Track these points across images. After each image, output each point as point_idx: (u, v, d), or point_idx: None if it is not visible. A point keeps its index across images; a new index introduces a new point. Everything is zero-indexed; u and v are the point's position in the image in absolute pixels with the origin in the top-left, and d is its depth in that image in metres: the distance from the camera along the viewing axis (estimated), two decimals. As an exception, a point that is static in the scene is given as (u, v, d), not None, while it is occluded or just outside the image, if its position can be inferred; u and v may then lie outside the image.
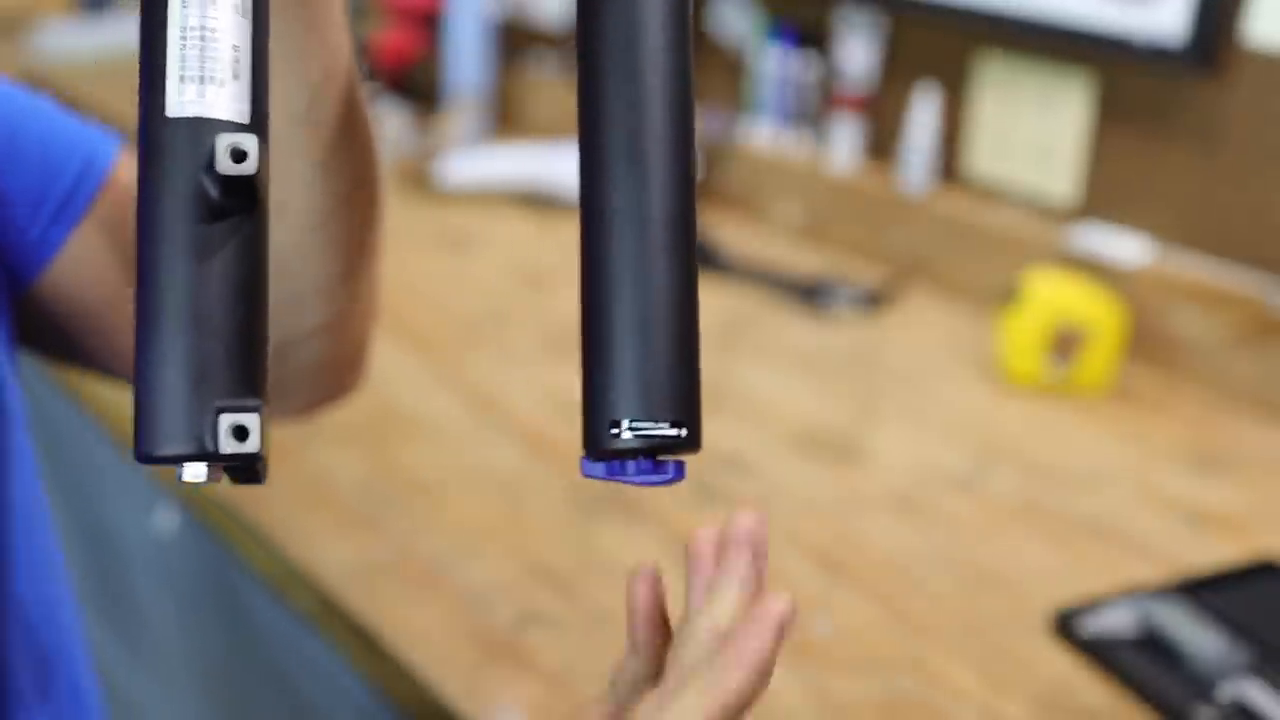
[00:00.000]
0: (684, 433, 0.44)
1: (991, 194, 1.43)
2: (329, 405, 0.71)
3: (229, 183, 0.38)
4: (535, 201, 1.65)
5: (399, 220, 0.70)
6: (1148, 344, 1.26)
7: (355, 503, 1.01)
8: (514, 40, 1.89)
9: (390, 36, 1.87)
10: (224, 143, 0.37)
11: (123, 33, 2.18)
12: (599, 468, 0.44)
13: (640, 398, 0.43)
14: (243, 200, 0.39)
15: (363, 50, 0.59)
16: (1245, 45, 1.18)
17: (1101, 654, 0.85)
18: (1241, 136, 1.21)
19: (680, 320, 0.44)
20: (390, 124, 1.77)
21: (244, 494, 1.02)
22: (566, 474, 1.04)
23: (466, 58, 1.82)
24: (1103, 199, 1.33)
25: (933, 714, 0.81)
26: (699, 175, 0.45)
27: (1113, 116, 1.31)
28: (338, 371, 0.68)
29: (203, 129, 0.39)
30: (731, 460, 1.09)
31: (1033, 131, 1.37)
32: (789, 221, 1.59)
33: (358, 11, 1.93)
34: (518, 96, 1.88)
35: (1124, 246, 1.29)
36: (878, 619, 0.90)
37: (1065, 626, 0.88)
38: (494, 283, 1.44)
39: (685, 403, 0.44)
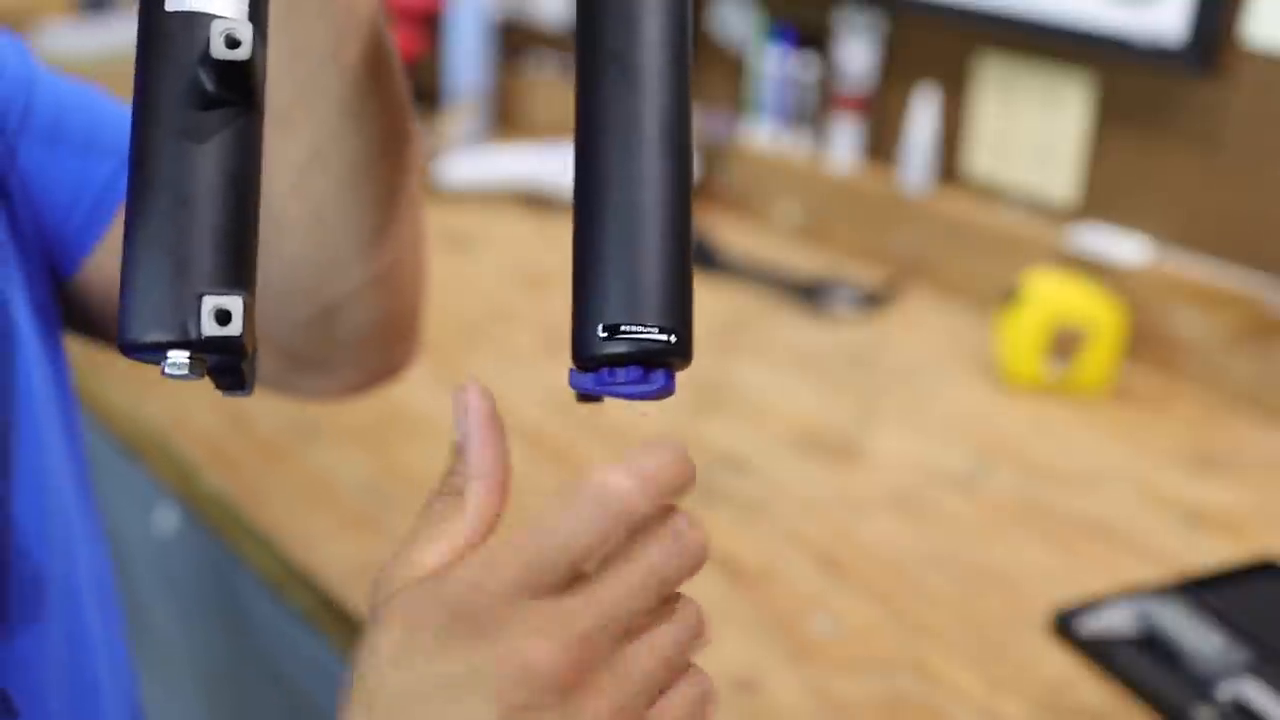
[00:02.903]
0: (673, 339, 0.42)
1: (991, 194, 1.43)
2: (382, 380, 0.71)
3: (223, 70, 0.38)
4: (535, 201, 1.65)
5: (399, 220, 0.71)
6: (1148, 344, 1.26)
7: (356, 503, 1.01)
8: (514, 40, 1.89)
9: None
10: (219, 27, 0.38)
11: (124, 33, 2.18)
12: (587, 379, 0.43)
13: (626, 300, 0.41)
14: (237, 91, 0.39)
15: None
16: (1245, 45, 1.18)
17: (1101, 654, 0.85)
18: (1241, 136, 1.21)
19: (672, 224, 0.42)
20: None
21: (244, 494, 1.02)
22: (567, 474, 1.04)
23: (466, 58, 1.82)
24: (1103, 199, 1.33)
25: (933, 714, 0.81)
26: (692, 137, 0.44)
27: (1113, 116, 1.31)
28: (387, 342, 0.68)
29: (200, 22, 0.39)
30: (731, 460, 1.09)
31: (1033, 131, 1.37)
32: (789, 221, 1.59)
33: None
34: (518, 96, 1.89)
35: (1124, 246, 1.29)
36: (878, 619, 0.90)
37: (1065, 626, 0.88)
38: (494, 283, 1.44)
39: (675, 308, 0.42)
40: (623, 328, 0.42)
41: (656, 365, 0.43)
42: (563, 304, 0.46)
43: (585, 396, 0.44)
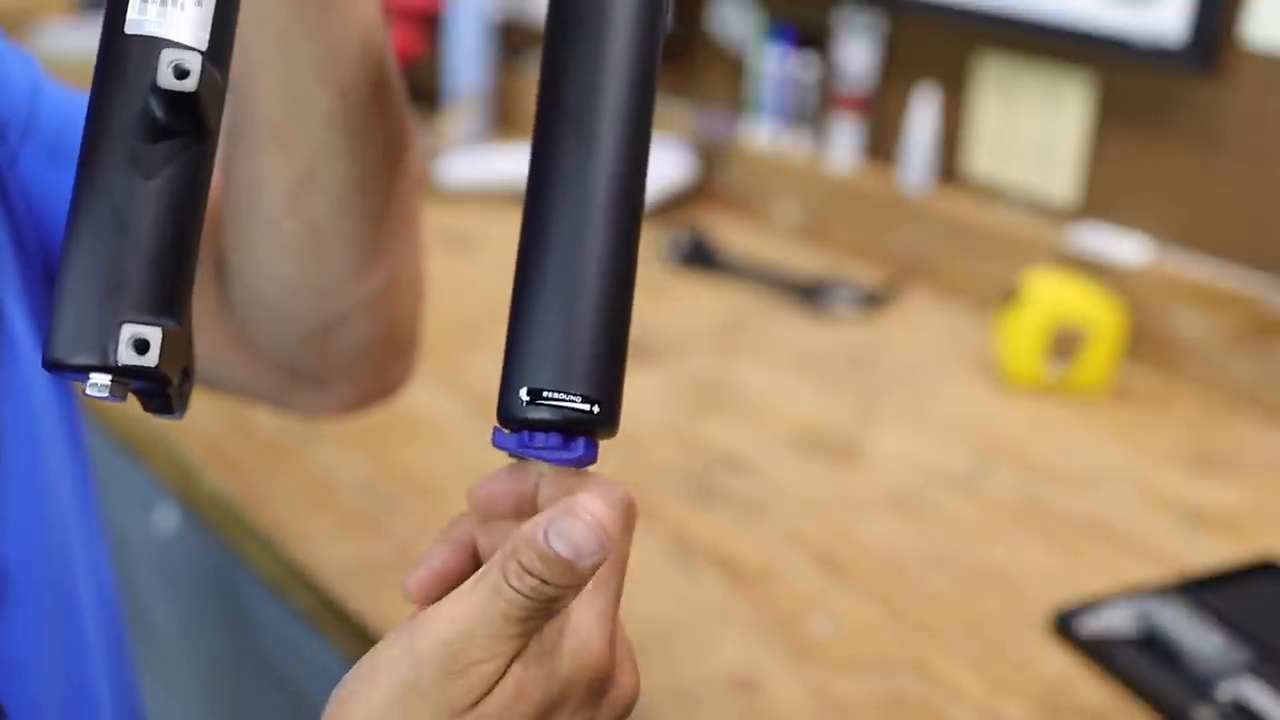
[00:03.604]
0: (596, 410, 0.42)
1: (991, 194, 1.43)
2: (378, 398, 0.71)
3: (172, 100, 0.38)
4: (535, 201, 1.65)
5: (399, 220, 0.71)
6: (1148, 344, 1.26)
7: (355, 503, 1.01)
8: (514, 40, 1.89)
9: (390, 36, 1.87)
10: (168, 58, 0.38)
11: (123, 33, 2.18)
12: (510, 440, 0.43)
13: (551, 367, 0.42)
14: (186, 120, 0.39)
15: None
16: (1245, 45, 1.18)
17: (1101, 654, 0.85)
18: (1241, 136, 1.21)
19: (612, 294, 0.42)
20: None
21: (244, 494, 1.02)
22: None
23: (466, 58, 1.82)
24: (1103, 199, 1.33)
25: (932, 714, 0.81)
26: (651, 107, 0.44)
27: (1113, 116, 1.31)
28: (384, 360, 0.68)
29: (157, 48, 0.39)
30: (731, 460, 1.09)
31: (1033, 131, 1.37)
32: (789, 221, 1.59)
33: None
34: (518, 96, 1.88)
35: (1124, 246, 1.29)
36: (878, 619, 0.90)
37: (1065, 626, 0.88)
38: (494, 283, 1.44)
39: (602, 379, 0.42)
40: (545, 394, 0.42)
41: (577, 434, 0.42)
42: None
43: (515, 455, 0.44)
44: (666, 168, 1.63)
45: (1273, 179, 1.20)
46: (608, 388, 0.42)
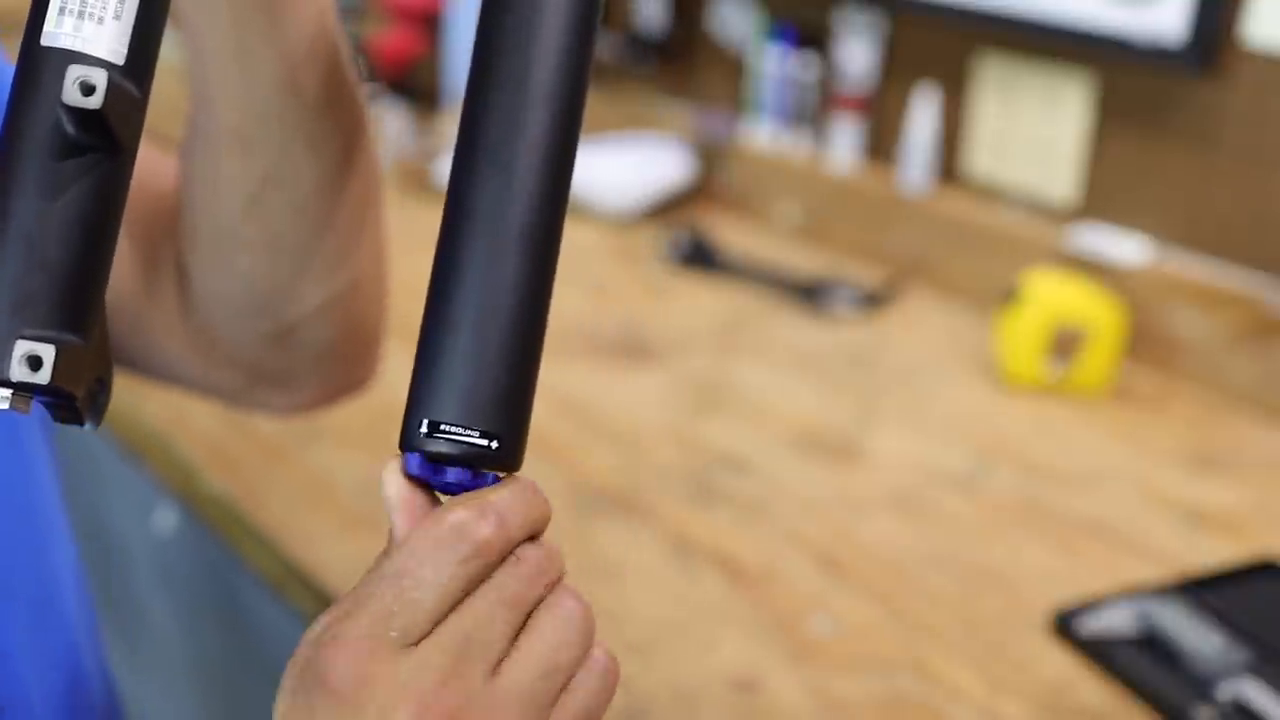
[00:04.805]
0: (495, 445, 0.42)
1: (991, 194, 1.43)
2: (343, 395, 0.71)
3: (80, 117, 0.38)
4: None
5: (399, 221, 0.70)
6: (1148, 344, 1.26)
7: (355, 503, 1.01)
8: (514, 40, 1.89)
9: (390, 36, 1.87)
10: (73, 74, 0.37)
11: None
12: (425, 468, 0.43)
13: (454, 402, 0.42)
14: (98, 138, 0.39)
15: (359, 48, 0.59)
16: (1245, 45, 1.18)
17: (1101, 654, 0.85)
18: (1241, 136, 1.21)
19: (520, 332, 0.42)
20: (390, 124, 1.77)
21: (244, 494, 1.02)
22: (566, 473, 1.04)
23: (466, 58, 1.82)
24: (1103, 199, 1.33)
25: (932, 714, 0.81)
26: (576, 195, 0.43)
27: (1113, 116, 1.31)
28: (348, 359, 0.68)
29: (71, 61, 0.38)
30: (731, 460, 1.09)
31: (1033, 131, 1.37)
32: (789, 221, 1.59)
33: (358, 11, 1.93)
34: (518, 96, 1.88)
35: (1124, 246, 1.29)
36: (878, 619, 0.90)
37: (1065, 626, 0.88)
38: (494, 283, 1.44)
39: (506, 415, 0.42)
40: (444, 427, 0.42)
41: (475, 468, 0.42)
42: (561, 303, 0.46)
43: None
44: (666, 168, 1.62)
45: (1273, 179, 1.20)
46: (511, 423, 0.42)
